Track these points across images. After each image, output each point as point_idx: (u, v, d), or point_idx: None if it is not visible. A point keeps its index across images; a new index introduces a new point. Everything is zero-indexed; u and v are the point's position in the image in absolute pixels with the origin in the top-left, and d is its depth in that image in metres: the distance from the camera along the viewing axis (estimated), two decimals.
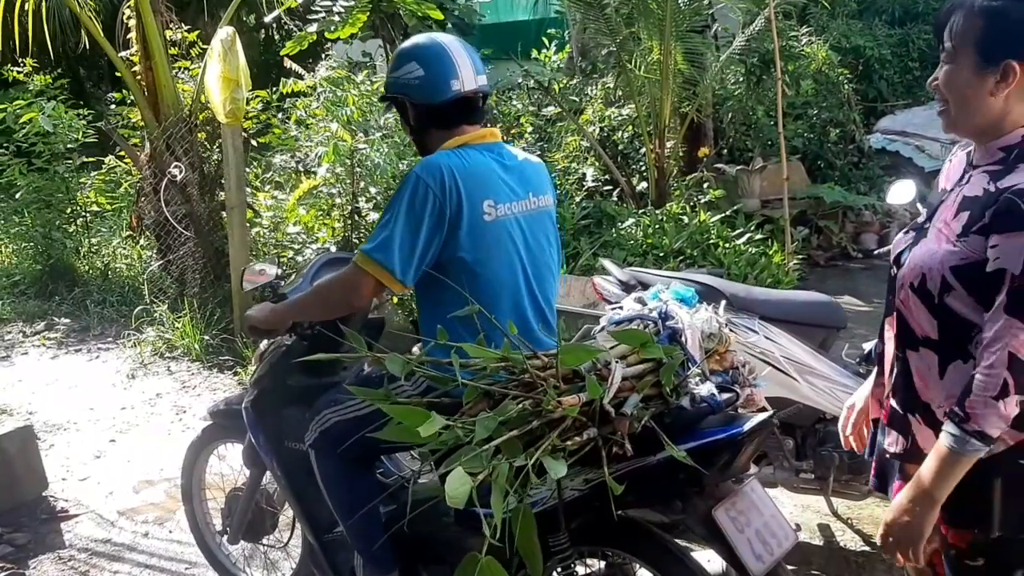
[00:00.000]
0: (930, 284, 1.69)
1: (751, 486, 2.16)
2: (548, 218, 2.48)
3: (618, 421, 1.87)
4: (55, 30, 8.71)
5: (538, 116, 9.10)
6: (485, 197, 2.29)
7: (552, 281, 2.48)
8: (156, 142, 6.68)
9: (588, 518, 2.13)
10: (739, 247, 6.24)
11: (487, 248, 2.29)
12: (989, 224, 1.60)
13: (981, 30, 1.64)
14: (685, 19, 7.01)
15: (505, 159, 2.42)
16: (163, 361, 6.12)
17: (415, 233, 2.22)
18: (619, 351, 2.02)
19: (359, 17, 7.15)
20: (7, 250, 8.91)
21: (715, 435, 2.00)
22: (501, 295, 2.32)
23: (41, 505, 4.09)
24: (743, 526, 2.09)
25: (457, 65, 2.36)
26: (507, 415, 1.80)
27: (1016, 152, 1.66)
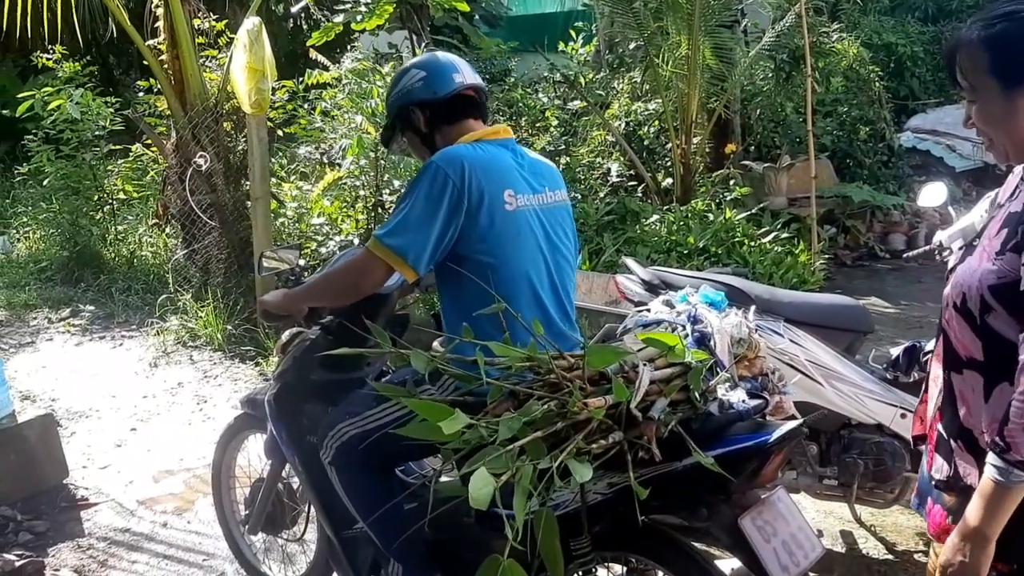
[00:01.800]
0: (971, 303, 1.63)
1: (779, 495, 2.13)
2: (565, 212, 2.50)
3: (645, 425, 1.84)
4: (84, 18, 8.75)
5: (563, 110, 9.05)
6: (505, 187, 2.30)
7: (572, 275, 2.49)
8: (182, 131, 6.70)
9: (611, 523, 2.11)
10: (765, 246, 6.17)
11: (509, 239, 2.30)
12: (1022, 241, 1.55)
13: (991, 60, 1.60)
14: (714, 14, 6.94)
15: (518, 155, 2.45)
16: (185, 350, 6.14)
17: (431, 221, 2.23)
18: (646, 354, 1.98)
19: (386, 8, 7.15)
20: (35, 236, 9.00)
21: (743, 442, 1.98)
22: (522, 288, 2.31)
23: (61, 493, 4.11)
24: (769, 536, 2.06)
25: (454, 63, 2.50)
26: (532, 416, 1.78)
27: None
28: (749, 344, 2.23)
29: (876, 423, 3.13)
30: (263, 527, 3.12)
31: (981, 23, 1.62)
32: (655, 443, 1.82)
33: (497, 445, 1.71)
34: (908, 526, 3.50)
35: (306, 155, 7.15)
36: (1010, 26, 1.59)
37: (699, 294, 2.29)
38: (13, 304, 7.42)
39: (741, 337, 2.22)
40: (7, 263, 8.58)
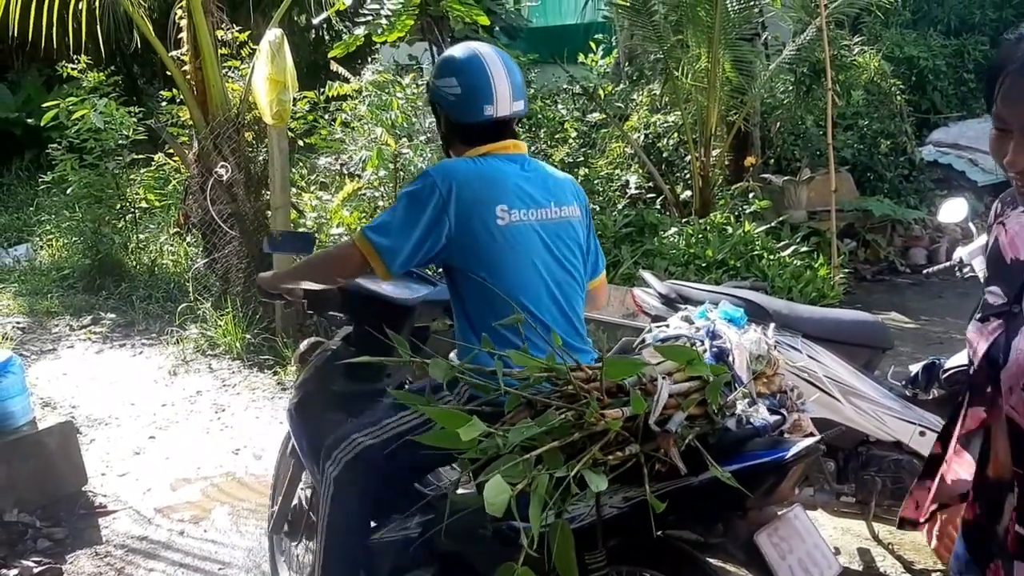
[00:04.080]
0: None
1: (795, 512, 2.11)
2: (574, 228, 2.48)
3: (662, 438, 1.83)
4: (109, 28, 8.85)
5: (583, 122, 9.06)
6: (499, 202, 2.32)
7: (578, 291, 2.48)
8: (204, 141, 6.75)
9: (627, 537, 2.11)
10: (784, 259, 6.15)
11: (502, 253, 2.32)
12: None
13: None
14: (734, 27, 6.93)
15: (527, 169, 2.44)
16: (204, 359, 6.18)
17: (412, 225, 2.29)
18: (665, 367, 1.97)
19: (406, 21, 7.18)
20: (58, 244, 9.08)
21: (760, 458, 1.96)
22: (521, 302, 2.30)
23: (80, 500, 4.13)
24: (785, 553, 2.04)
25: (494, 89, 2.38)
26: (549, 425, 1.78)
27: None
28: (768, 361, 2.22)
29: (895, 440, 3.11)
30: (286, 532, 3.14)
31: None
32: (677, 455, 1.81)
33: (513, 453, 1.72)
34: (926, 544, 3.47)
35: (326, 166, 7.19)
36: None
37: (718, 310, 2.29)
38: (35, 311, 7.49)
39: (760, 354, 2.22)
40: (30, 270, 8.67)
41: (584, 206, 2.55)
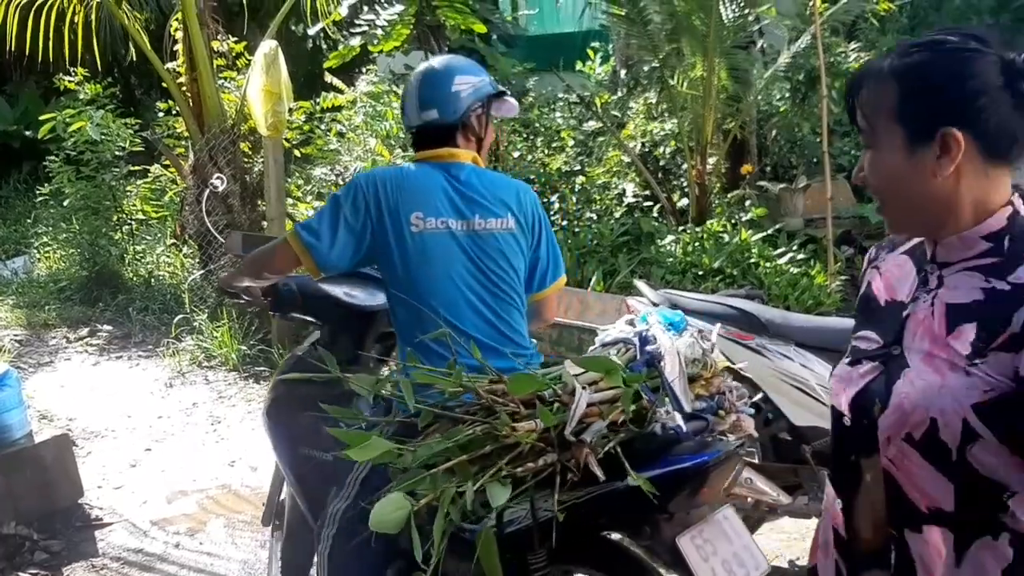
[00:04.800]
0: (945, 433, 1.22)
1: (724, 514, 2.15)
2: (502, 240, 2.46)
3: (576, 448, 1.86)
4: (106, 40, 8.87)
5: (579, 130, 9.07)
6: (414, 210, 2.37)
7: (510, 302, 2.47)
8: (200, 153, 6.77)
9: (565, 538, 2.09)
10: (780, 267, 6.14)
11: (415, 261, 2.37)
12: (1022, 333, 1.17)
13: (900, 97, 1.26)
14: (730, 35, 6.94)
15: (459, 178, 2.45)
16: (201, 370, 6.18)
17: (336, 227, 2.37)
18: (588, 377, 1.99)
19: (402, 31, 7.21)
20: (55, 256, 9.08)
21: (681, 463, 2.00)
22: (442, 311, 2.33)
23: (76, 513, 4.13)
24: (709, 555, 2.08)
25: (405, 102, 2.53)
26: (456, 440, 1.83)
27: (1008, 236, 1.26)
28: (704, 364, 2.19)
29: None
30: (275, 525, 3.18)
31: (897, 52, 1.28)
32: (594, 463, 1.84)
33: (417, 468, 1.79)
34: None
35: (321, 176, 7.20)
36: (930, 59, 1.25)
37: (657, 314, 2.29)
38: (33, 323, 7.49)
39: (695, 357, 2.19)
40: (27, 283, 8.67)
41: (526, 218, 2.53)
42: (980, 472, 1.21)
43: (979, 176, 1.25)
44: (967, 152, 1.22)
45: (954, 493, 1.24)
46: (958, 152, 1.22)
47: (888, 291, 1.40)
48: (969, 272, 1.27)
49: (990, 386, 1.18)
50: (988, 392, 1.18)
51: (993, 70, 1.21)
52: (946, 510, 1.25)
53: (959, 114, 1.22)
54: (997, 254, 1.26)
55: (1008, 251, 1.25)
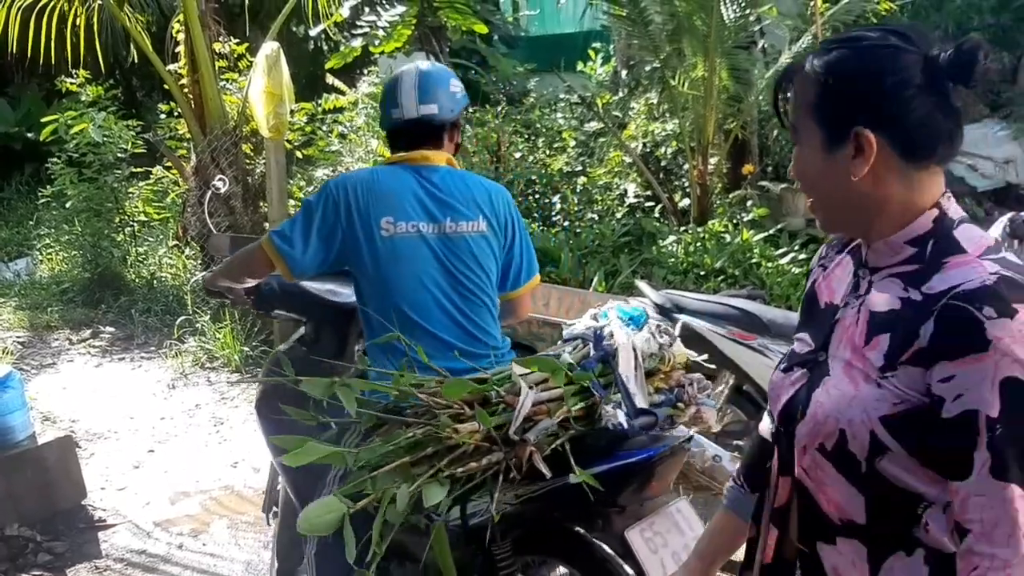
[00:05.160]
0: (853, 445, 1.18)
1: (678, 506, 2.23)
2: (473, 243, 2.51)
3: (519, 447, 1.92)
4: (107, 42, 8.88)
5: (581, 131, 9.08)
6: (384, 214, 2.42)
7: (480, 302, 2.52)
8: (202, 154, 6.78)
9: (529, 530, 2.26)
10: (782, 267, 6.14)
11: (384, 265, 2.43)
12: (931, 348, 1.12)
13: (817, 95, 1.22)
14: (731, 36, 6.94)
15: (433, 182, 2.49)
16: (203, 372, 6.18)
17: (308, 233, 2.43)
18: (536, 377, 2.06)
19: (403, 32, 7.21)
20: (57, 257, 9.08)
21: (628, 458, 2.07)
22: (411, 313, 2.41)
23: (80, 514, 4.14)
24: (658, 547, 2.15)
25: (399, 96, 2.52)
26: (397, 442, 1.90)
27: (933, 242, 1.19)
28: (661, 358, 2.24)
29: None
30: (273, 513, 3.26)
31: (819, 48, 1.24)
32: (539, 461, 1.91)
33: (356, 470, 1.86)
34: None
35: (323, 177, 7.20)
36: (846, 56, 1.20)
37: (617, 309, 2.32)
38: (35, 325, 7.49)
39: (652, 352, 2.24)
40: (30, 285, 8.66)
41: (499, 220, 2.57)
42: (891, 484, 1.17)
43: (900, 178, 1.20)
44: (883, 153, 1.18)
45: (865, 505, 1.20)
46: (871, 153, 1.18)
47: (828, 292, 1.36)
48: (892, 279, 1.22)
49: (900, 399, 1.14)
50: (898, 405, 1.14)
51: (913, 68, 1.17)
52: (858, 522, 1.21)
53: (873, 114, 1.18)
54: (919, 260, 1.20)
55: (928, 258, 1.19)
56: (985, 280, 1.10)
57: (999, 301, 1.08)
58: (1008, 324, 1.07)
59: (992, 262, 1.14)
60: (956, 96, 1.18)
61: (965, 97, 1.20)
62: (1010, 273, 1.12)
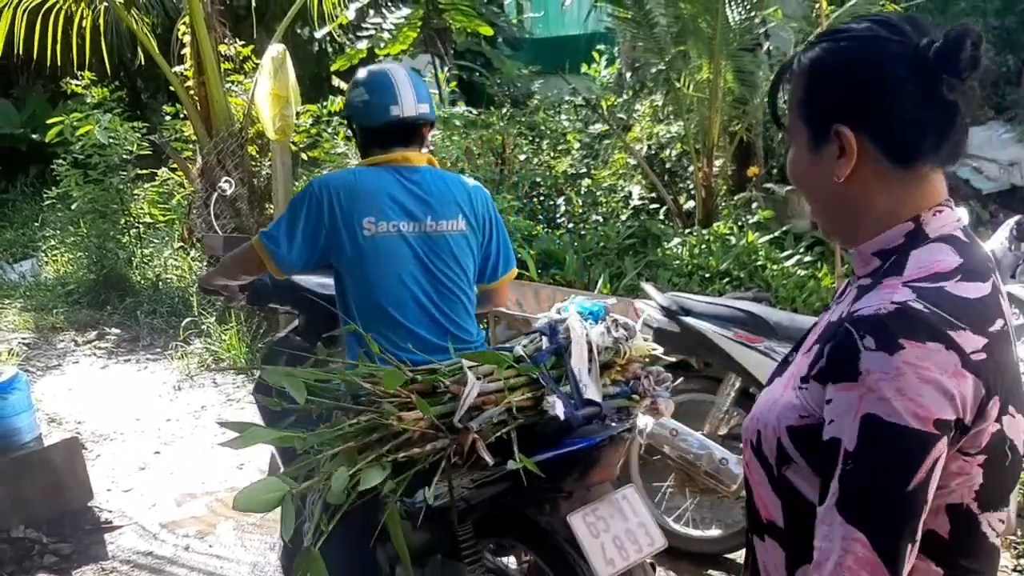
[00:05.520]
0: (766, 448, 1.16)
1: (625, 493, 2.34)
2: (452, 241, 2.64)
3: (463, 435, 2.04)
4: (113, 44, 8.89)
5: (585, 133, 9.07)
6: (366, 215, 2.53)
7: (455, 298, 2.65)
8: (208, 156, 6.79)
9: (486, 513, 2.38)
10: (787, 269, 6.14)
11: (365, 262, 2.54)
12: (825, 368, 1.09)
13: (803, 92, 1.17)
14: (736, 38, 6.93)
15: (414, 182, 2.61)
16: (209, 373, 6.19)
17: (295, 232, 2.54)
18: (485, 369, 2.18)
19: (409, 34, 7.21)
20: (63, 259, 9.10)
21: (569, 446, 2.18)
22: (389, 309, 2.54)
23: (86, 516, 4.15)
24: (600, 531, 2.26)
25: (398, 92, 2.60)
26: (341, 427, 2.02)
27: (894, 259, 1.13)
28: (617, 351, 2.35)
29: None
30: None
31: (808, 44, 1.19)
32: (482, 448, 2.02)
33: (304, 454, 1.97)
34: None
35: None
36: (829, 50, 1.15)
37: (576, 305, 2.44)
38: (41, 327, 7.51)
39: (607, 345, 2.35)
40: (35, 286, 8.69)
41: (479, 216, 2.71)
42: (799, 494, 1.13)
43: (884, 182, 1.13)
44: (867, 154, 1.12)
45: (782, 510, 1.17)
46: (852, 153, 1.11)
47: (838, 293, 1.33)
48: (856, 289, 1.17)
49: (807, 412, 1.10)
50: (804, 418, 1.10)
51: (897, 60, 1.09)
52: (779, 525, 1.19)
53: (853, 110, 1.12)
54: (875, 276, 1.14)
55: (881, 274, 1.13)
56: (880, 308, 1.04)
57: (882, 333, 1.02)
58: (884, 359, 1.00)
59: (913, 290, 1.05)
60: (952, 89, 1.08)
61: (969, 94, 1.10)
62: (921, 306, 1.03)
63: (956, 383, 1.00)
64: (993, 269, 1.13)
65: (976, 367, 1.01)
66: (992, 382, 1.03)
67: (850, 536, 1.01)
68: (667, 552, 3.65)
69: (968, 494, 1.08)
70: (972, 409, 1.02)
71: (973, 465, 1.06)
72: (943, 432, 1.00)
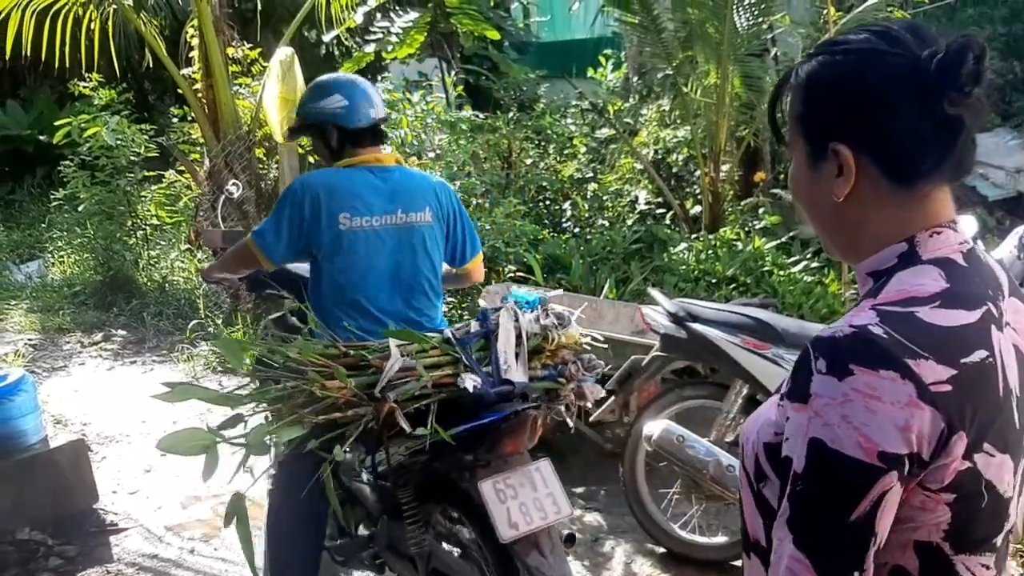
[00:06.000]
0: (747, 463, 1.13)
1: (539, 466, 2.58)
2: (420, 231, 2.96)
3: (379, 404, 2.33)
4: (121, 46, 8.91)
5: (592, 137, 9.07)
6: (342, 210, 2.83)
7: (424, 288, 2.99)
8: (215, 159, 6.80)
9: (423, 478, 2.68)
10: (794, 275, 6.12)
11: (342, 251, 2.85)
12: (789, 384, 1.06)
13: (801, 105, 1.13)
14: (743, 43, 6.93)
15: (384, 179, 2.93)
16: (215, 376, 6.19)
17: (281, 227, 2.85)
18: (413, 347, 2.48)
19: (416, 38, 7.22)
20: (69, 260, 9.13)
21: (480, 420, 2.44)
22: (356, 294, 2.87)
23: (91, 518, 4.15)
24: (508, 498, 2.49)
25: (371, 98, 2.99)
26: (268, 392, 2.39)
27: (884, 280, 1.08)
28: (544, 338, 2.63)
29: None
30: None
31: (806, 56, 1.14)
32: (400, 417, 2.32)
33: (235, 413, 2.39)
34: None
35: None
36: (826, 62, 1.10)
37: (511, 294, 2.72)
38: (47, 328, 7.52)
39: (535, 332, 2.63)
40: (42, 287, 8.71)
41: (444, 209, 3.03)
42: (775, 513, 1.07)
43: (881, 201, 1.08)
44: (866, 173, 1.07)
45: (763, 528, 1.12)
46: (850, 172, 1.07)
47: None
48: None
49: (781, 429, 1.05)
50: (778, 435, 1.06)
51: (895, 74, 1.04)
52: (762, 544, 1.13)
53: (849, 127, 1.07)
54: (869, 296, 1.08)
55: (868, 295, 1.08)
56: (839, 331, 1.00)
57: (835, 356, 0.98)
58: (832, 384, 0.97)
59: (878, 314, 1.01)
60: (954, 104, 1.03)
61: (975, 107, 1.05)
62: (880, 331, 0.98)
63: (909, 415, 0.95)
64: (993, 298, 1.07)
65: (935, 399, 0.96)
66: (956, 416, 0.97)
67: (795, 556, 0.99)
68: (672, 558, 3.68)
69: (936, 532, 1.02)
70: (929, 443, 0.96)
71: (939, 502, 1.01)
72: (890, 466, 0.95)
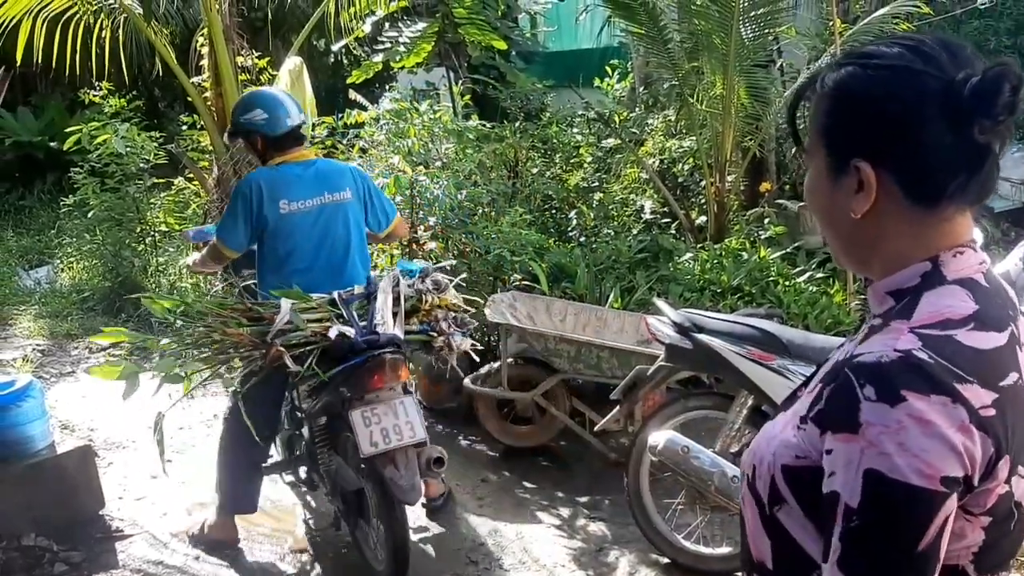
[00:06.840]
0: (759, 485, 1.10)
1: (402, 400, 3.27)
2: (345, 208, 3.71)
3: (269, 347, 3.25)
4: (131, 54, 8.96)
5: (598, 147, 9.09)
6: (281, 197, 3.59)
7: (350, 256, 3.73)
8: (224, 166, 6.83)
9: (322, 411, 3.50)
10: (799, 285, 6.13)
11: (284, 231, 3.61)
12: (823, 413, 1.02)
13: (825, 117, 1.09)
14: (749, 54, 6.95)
15: (309, 169, 3.69)
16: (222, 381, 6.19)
17: (234, 223, 3.62)
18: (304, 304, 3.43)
19: (424, 47, 7.26)
20: (78, 266, 9.16)
21: (347, 363, 3.23)
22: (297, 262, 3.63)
23: (97, 524, 4.16)
24: (372, 423, 3.17)
25: (287, 107, 3.71)
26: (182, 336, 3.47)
27: (907, 300, 1.06)
28: (419, 299, 3.59)
29: None
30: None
31: (834, 62, 1.11)
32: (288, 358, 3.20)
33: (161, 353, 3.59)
34: None
35: None
36: (854, 75, 1.06)
37: (396, 263, 3.62)
38: (55, 333, 7.55)
39: (409, 295, 3.58)
40: (51, 293, 8.74)
41: (359, 187, 3.78)
42: (791, 537, 1.07)
43: (902, 220, 1.06)
44: (887, 191, 1.04)
45: (771, 551, 1.11)
46: (871, 190, 1.04)
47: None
48: (868, 328, 1.10)
49: (804, 454, 1.04)
50: (800, 459, 1.04)
51: (928, 95, 1.01)
52: (768, 567, 1.12)
53: (875, 145, 1.04)
54: (887, 316, 1.07)
55: (894, 316, 1.05)
56: (884, 356, 0.98)
57: (884, 383, 0.96)
58: (885, 411, 0.94)
59: (920, 338, 0.99)
60: (984, 132, 1.01)
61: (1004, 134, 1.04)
62: (926, 356, 0.96)
63: (963, 439, 0.94)
64: (1015, 317, 1.06)
65: (985, 423, 0.95)
66: (1003, 440, 0.96)
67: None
68: (676, 569, 3.68)
69: (966, 556, 1.02)
70: (980, 467, 0.96)
71: (976, 527, 1.01)
72: (952, 489, 0.94)
